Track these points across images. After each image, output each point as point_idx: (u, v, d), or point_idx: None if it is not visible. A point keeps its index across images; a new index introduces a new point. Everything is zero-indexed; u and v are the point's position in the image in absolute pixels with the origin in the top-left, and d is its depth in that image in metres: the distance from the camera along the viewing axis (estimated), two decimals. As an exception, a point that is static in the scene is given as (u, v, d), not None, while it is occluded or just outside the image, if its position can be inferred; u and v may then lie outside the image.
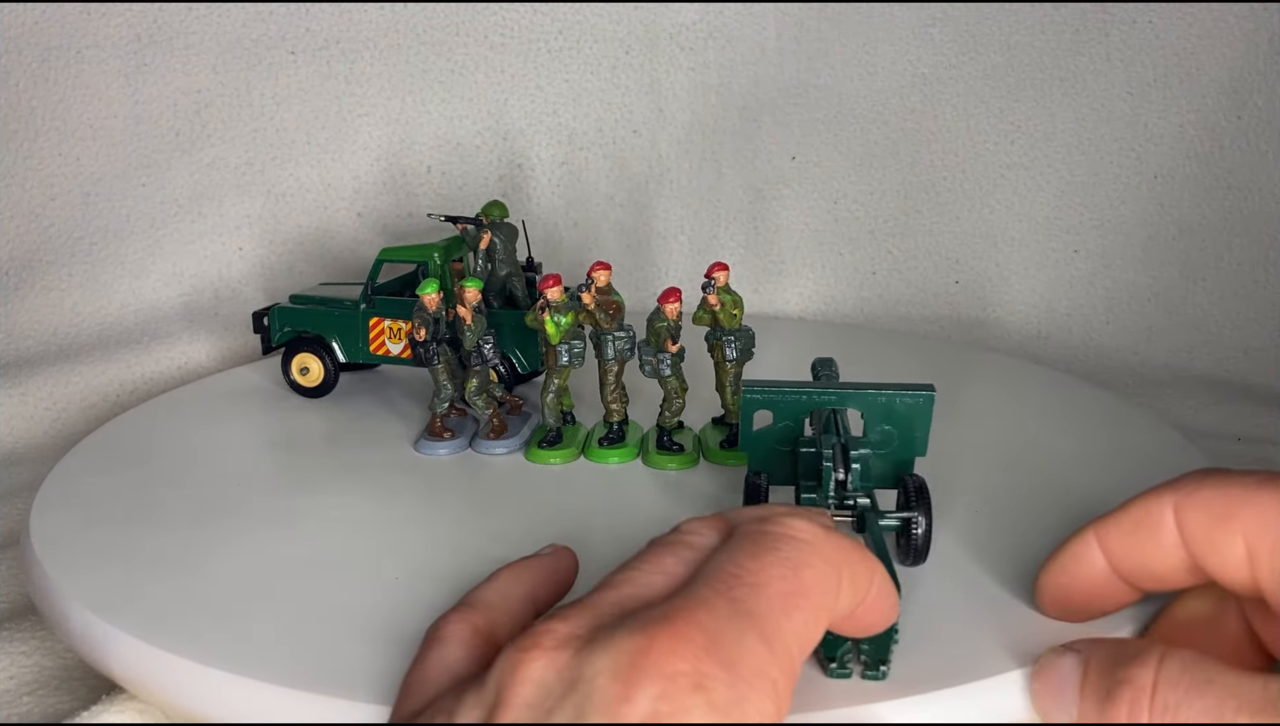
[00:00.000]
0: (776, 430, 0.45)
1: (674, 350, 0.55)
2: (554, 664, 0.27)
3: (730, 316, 0.55)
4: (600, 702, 0.26)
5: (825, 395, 0.44)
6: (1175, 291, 0.82)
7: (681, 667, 0.26)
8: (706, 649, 0.27)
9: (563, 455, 0.55)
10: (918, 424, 0.44)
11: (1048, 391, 0.65)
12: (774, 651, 0.28)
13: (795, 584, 0.29)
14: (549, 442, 0.56)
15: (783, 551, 0.30)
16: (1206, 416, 0.70)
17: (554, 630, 0.28)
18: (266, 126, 0.86)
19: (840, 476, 0.42)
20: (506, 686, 0.27)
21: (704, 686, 0.26)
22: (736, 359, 0.56)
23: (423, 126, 0.88)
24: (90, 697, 0.43)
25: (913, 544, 0.43)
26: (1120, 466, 0.53)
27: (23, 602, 0.50)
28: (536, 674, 0.27)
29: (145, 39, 0.82)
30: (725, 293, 0.54)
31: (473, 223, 0.64)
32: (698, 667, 0.26)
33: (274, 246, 0.87)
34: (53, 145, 0.81)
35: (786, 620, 0.29)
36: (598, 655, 0.27)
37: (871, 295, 0.87)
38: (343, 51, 0.86)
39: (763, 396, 0.45)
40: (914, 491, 0.43)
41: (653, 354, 0.55)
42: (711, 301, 0.54)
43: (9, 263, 0.80)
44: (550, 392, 0.57)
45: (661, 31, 0.86)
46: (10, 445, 0.71)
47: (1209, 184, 0.82)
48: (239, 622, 0.41)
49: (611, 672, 0.26)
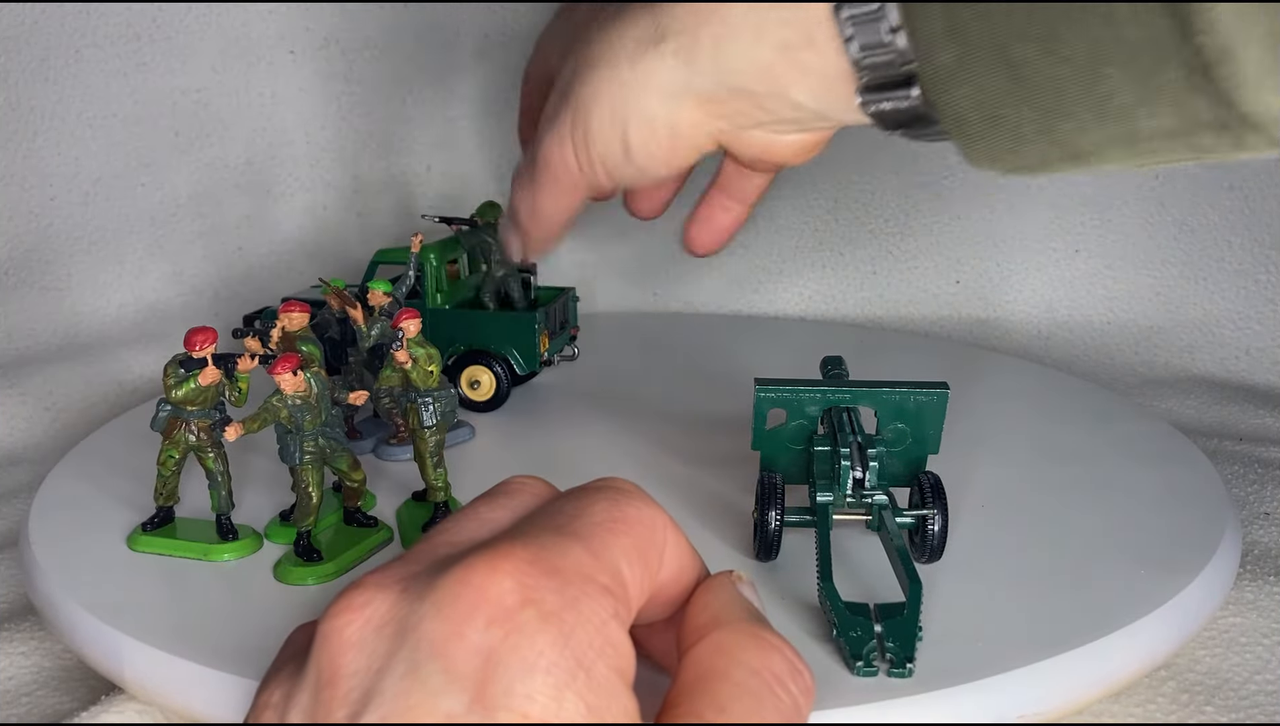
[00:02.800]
0: (790, 429, 0.45)
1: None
2: (371, 621, 0.26)
3: (425, 373, 0.47)
4: (431, 647, 0.24)
5: (840, 393, 0.44)
6: (1176, 291, 0.82)
7: (505, 585, 0.25)
8: (530, 562, 0.26)
9: None
10: (931, 421, 0.44)
11: (1048, 391, 0.65)
12: (599, 559, 0.27)
13: (616, 513, 0.29)
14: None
15: (601, 494, 0.30)
16: (1207, 416, 0.70)
17: (363, 585, 0.27)
18: (266, 126, 0.86)
19: (858, 475, 0.42)
20: (327, 658, 0.26)
21: (531, 599, 0.25)
22: (437, 424, 0.47)
23: (423, 126, 0.88)
24: (90, 697, 0.43)
25: (929, 541, 0.43)
26: (1121, 466, 0.53)
27: (22, 603, 0.50)
28: (355, 636, 0.26)
29: (145, 38, 0.82)
30: (418, 346, 0.47)
31: (467, 224, 0.64)
32: (521, 582, 0.25)
33: (274, 246, 0.87)
34: (52, 145, 0.81)
35: (612, 538, 0.28)
36: (418, 603, 0.25)
37: (872, 295, 0.87)
38: (342, 51, 0.86)
39: (777, 394, 0.45)
40: (929, 489, 0.44)
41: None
42: (400, 358, 0.47)
43: (9, 262, 0.80)
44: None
45: (662, 31, 0.86)
46: (10, 445, 0.71)
47: (1209, 184, 0.81)
48: (238, 623, 0.41)
49: (435, 614, 0.25)
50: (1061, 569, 0.44)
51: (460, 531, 0.30)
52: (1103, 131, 0.33)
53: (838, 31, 0.37)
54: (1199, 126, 0.31)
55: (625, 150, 0.44)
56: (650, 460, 0.56)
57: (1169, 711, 0.40)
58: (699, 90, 0.41)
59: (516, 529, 0.28)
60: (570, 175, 0.47)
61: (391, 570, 0.27)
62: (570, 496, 0.30)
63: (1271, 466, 0.60)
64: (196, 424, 0.45)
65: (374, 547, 0.46)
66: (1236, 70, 0.29)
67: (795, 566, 0.44)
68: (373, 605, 0.26)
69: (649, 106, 0.43)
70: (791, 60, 0.39)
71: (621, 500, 0.30)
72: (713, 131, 0.43)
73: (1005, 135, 0.35)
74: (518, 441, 0.59)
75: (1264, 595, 0.46)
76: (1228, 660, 0.43)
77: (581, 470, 0.56)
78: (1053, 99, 0.33)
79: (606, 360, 0.72)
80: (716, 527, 0.48)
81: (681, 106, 0.42)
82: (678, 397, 0.64)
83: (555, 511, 0.29)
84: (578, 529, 0.28)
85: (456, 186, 0.88)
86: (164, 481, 0.47)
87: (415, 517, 0.49)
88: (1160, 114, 0.32)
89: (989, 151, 0.36)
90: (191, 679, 0.38)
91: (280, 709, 0.26)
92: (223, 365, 0.45)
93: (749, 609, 0.31)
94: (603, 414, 0.62)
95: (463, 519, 0.30)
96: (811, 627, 0.39)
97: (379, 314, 0.54)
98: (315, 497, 0.45)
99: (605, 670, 0.25)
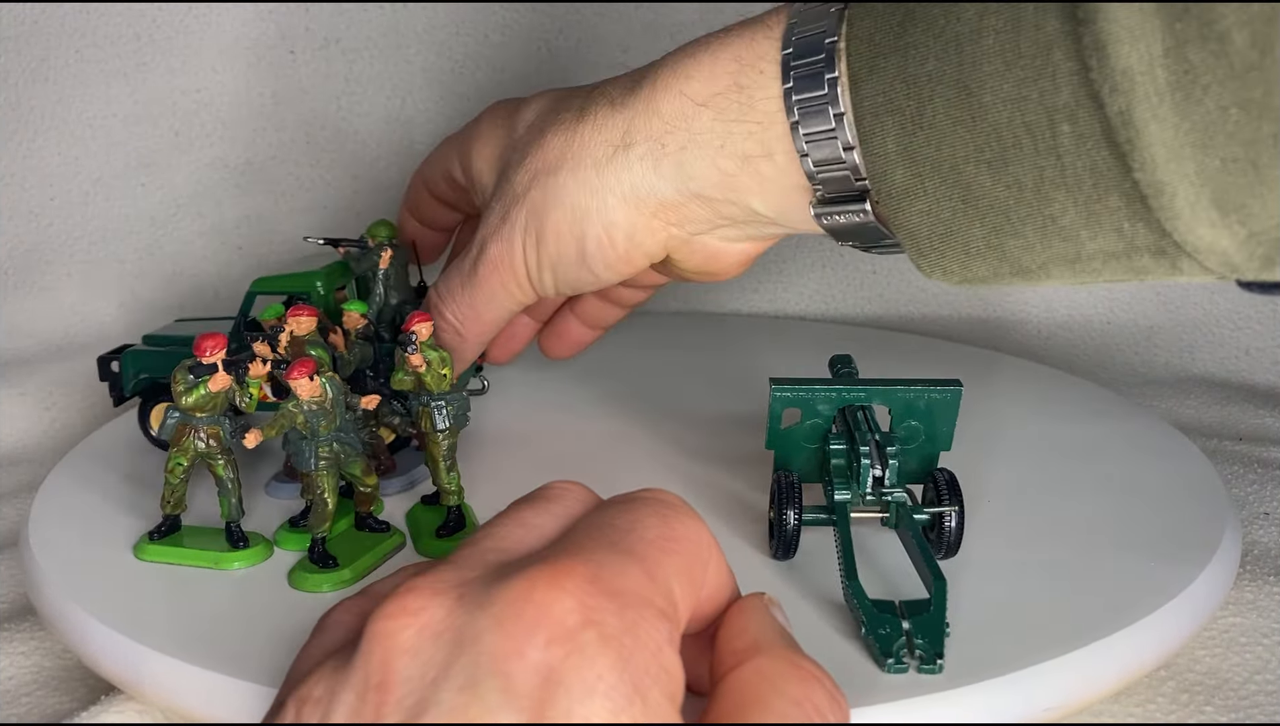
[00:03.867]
0: (804, 428, 0.45)
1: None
2: (427, 627, 0.26)
3: (439, 377, 0.46)
4: (491, 663, 0.24)
5: (855, 392, 0.45)
6: (1176, 291, 0.82)
7: (568, 604, 0.25)
8: (590, 581, 0.26)
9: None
10: (944, 418, 0.44)
11: (1049, 390, 0.65)
12: (655, 580, 0.27)
13: (668, 531, 0.29)
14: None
15: (650, 507, 0.30)
16: (1207, 416, 0.70)
17: (417, 589, 0.26)
18: (266, 126, 0.86)
19: (878, 473, 0.43)
20: (379, 661, 0.25)
21: (593, 620, 0.25)
22: (449, 428, 0.47)
23: (422, 126, 0.88)
24: (90, 697, 0.43)
25: (945, 538, 0.43)
26: (1121, 466, 0.53)
27: (22, 603, 0.50)
28: (410, 642, 0.25)
29: (145, 38, 0.82)
30: (430, 349, 0.47)
31: (357, 245, 0.56)
32: (583, 602, 0.25)
33: (274, 246, 0.87)
34: (52, 144, 0.81)
35: (665, 558, 0.28)
36: (477, 613, 0.25)
37: (872, 295, 0.87)
38: (343, 51, 0.86)
39: (793, 394, 0.45)
40: (945, 485, 0.44)
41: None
42: (415, 362, 0.46)
43: (9, 262, 0.80)
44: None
45: (662, 31, 0.86)
46: (10, 445, 0.71)
47: (1210, 183, 0.81)
48: (238, 625, 0.41)
49: (496, 628, 0.25)
50: (1060, 568, 0.44)
51: (508, 538, 0.29)
52: (1048, 251, 0.35)
53: (795, 147, 0.39)
54: (1138, 250, 0.33)
55: (580, 254, 0.45)
56: (665, 459, 0.55)
57: (1169, 711, 0.40)
58: (661, 196, 0.43)
59: (570, 541, 0.28)
60: (515, 276, 0.48)
61: (444, 575, 0.27)
62: (619, 508, 0.30)
63: (1271, 466, 0.60)
64: (206, 430, 0.45)
65: (388, 553, 0.46)
66: (1171, 203, 0.31)
67: (811, 565, 0.44)
68: (429, 611, 0.26)
69: (611, 210, 0.44)
70: (752, 170, 0.41)
71: (671, 516, 0.30)
72: (666, 238, 0.45)
73: (956, 250, 0.37)
74: (521, 442, 0.59)
75: (1264, 595, 0.46)
76: (1227, 660, 0.43)
77: (596, 470, 0.56)
78: (1001, 218, 0.35)
79: (607, 359, 0.72)
80: (735, 526, 0.48)
81: (641, 212, 0.44)
82: (686, 397, 0.64)
83: (607, 525, 0.29)
84: (633, 546, 0.28)
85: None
86: (172, 489, 0.46)
87: (428, 521, 0.48)
88: (1103, 237, 0.33)
89: (940, 264, 0.37)
90: (189, 681, 0.38)
91: (324, 706, 0.26)
92: (233, 371, 0.44)
93: (785, 635, 0.31)
94: (609, 413, 0.62)
95: (508, 523, 0.30)
96: (835, 625, 0.39)
97: (355, 337, 0.52)
98: (330, 503, 0.45)
99: (659, 696, 0.25)
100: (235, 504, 0.46)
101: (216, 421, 0.45)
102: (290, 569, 0.45)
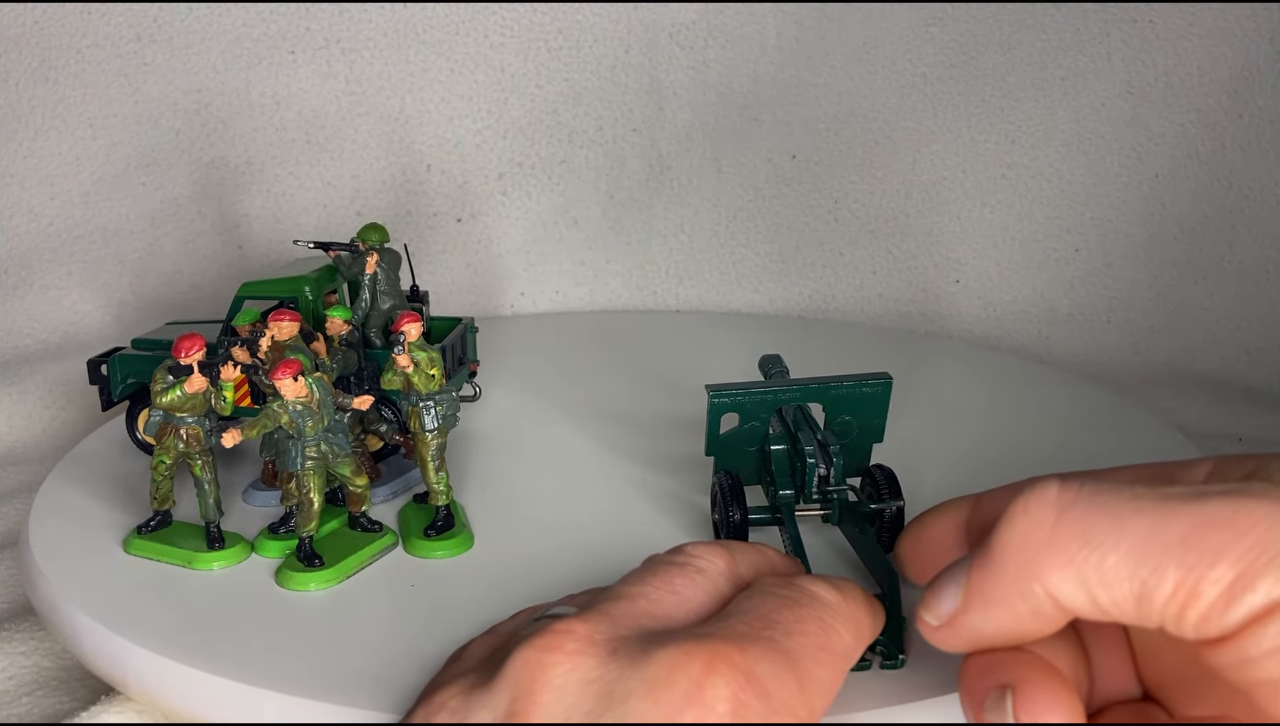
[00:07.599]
0: (743, 431, 0.46)
1: None
2: (577, 669, 0.26)
3: (427, 377, 0.46)
4: (636, 722, 0.25)
5: (790, 392, 0.45)
6: (1176, 291, 0.82)
7: (721, 691, 0.26)
8: (746, 675, 0.26)
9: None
10: (876, 411, 0.45)
11: (1049, 391, 0.65)
12: (806, 693, 0.28)
13: (825, 640, 0.30)
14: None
15: (813, 610, 0.30)
16: (1207, 416, 0.70)
17: (574, 631, 0.27)
18: (266, 126, 0.86)
19: (823, 471, 0.43)
20: (525, 686, 0.26)
21: (740, 715, 0.26)
22: (438, 428, 0.47)
23: (423, 126, 0.88)
24: (89, 698, 0.43)
25: (883, 533, 0.44)
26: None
27: (22, 603, 0.50)
28: (559, 679, 0.26)
29: (145, 38, 0.82)
30: (419, 350, 0.46)
31: (347, 249, 0.56)
32: (735, 694, 0.26)
33: (274, 246, 0.87)
34: (53, 144, 0.81)
35: (819, 670, 0.29)
36: (629, 672, 0.26)
37: (872, 295, 0.87)
38: (343, 51, 0.86)
39: (730, 399, 0.45)
40: (883, 481, 0.45)
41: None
42: (402, 363, 0.46)
43: (9, 262, 0.80)
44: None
45: (661, 31, 0.86)
46: (10, 445, 0.71)
47: (1209, 184, 0.81)
48: (237, 626, 0.41)
49: (647, 693, 0.25)
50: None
51: (661, 603, 0.30)
52: None
53: None
54: None
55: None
56: (630, 458, 0.55)
57: (1167, 711, 0.40)
58: None
59: (730, 626, 0.29)
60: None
61: (600, 626, 0.28)
62: (779, 602, 0.30)
63: (1271, 466, 0.59)
64: (186, 430, 0.45)
65: (379, 552, 0.46)
66: None
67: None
68: (583, 656, 0.27)
69: None
70: None
71: (828, 624, 0.30)
72: None
73: None
74: (512, 443, 0.59)
75: (1263, 595, 0.46)
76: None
77: (596, 470, 0.55)
78: None
79: (608, 360, 0.72)
80: (681, 526, 0.48)
81: None
82: (676, 396, 0.64)
83: (770, 619, 0.29)
84: (791, 649, 0.28)
85: (457, 187, 0.88)
86: (157, 486, 0.47)
87: (417, 520, 0.48)
88: None
89: None
90: (189, 682, 0.38)
91: (458, 713, 0.27)
92: (207, 373, 0.44)
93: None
94: (595, 416, 0.62)
95: (659, 589, 0.31)
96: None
97: (339, 343, 0.52)
98: (317, 503, 0.45)
99: None
100: (212, 504, 0.46)
101: (198, 422, 0.45)
102: (277, 567, 0.45)
